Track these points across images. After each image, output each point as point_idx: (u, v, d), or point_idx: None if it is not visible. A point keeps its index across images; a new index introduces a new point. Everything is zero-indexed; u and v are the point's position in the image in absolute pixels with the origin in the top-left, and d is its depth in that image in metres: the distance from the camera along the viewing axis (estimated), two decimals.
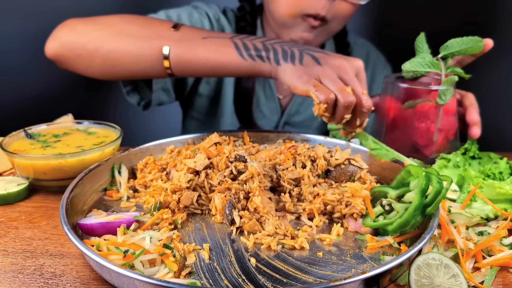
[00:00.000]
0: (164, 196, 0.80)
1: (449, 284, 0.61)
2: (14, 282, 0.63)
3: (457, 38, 0.94)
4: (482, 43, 0.93)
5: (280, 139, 1.02)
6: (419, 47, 0.96)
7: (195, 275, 0.64)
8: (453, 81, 0.92)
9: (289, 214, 0.80)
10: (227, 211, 0.76)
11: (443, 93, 0.93)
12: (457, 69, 0.94)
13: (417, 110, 0.96)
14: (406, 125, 0.98)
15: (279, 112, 1.39)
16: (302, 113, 1.40)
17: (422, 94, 0.96)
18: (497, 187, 0.81)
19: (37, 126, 1.01)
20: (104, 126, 1.03)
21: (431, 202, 0.71)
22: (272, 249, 0.71)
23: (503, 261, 0.67)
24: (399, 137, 0.99)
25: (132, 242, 0.67)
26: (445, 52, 0.94)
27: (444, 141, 0.98)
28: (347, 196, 0.79)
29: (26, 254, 0.70)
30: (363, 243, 0.73)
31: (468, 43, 0.93)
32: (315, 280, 0.63)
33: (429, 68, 0.93)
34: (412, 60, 0.93)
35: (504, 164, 0.92)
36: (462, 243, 0.70)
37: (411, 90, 0.96)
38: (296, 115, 1.40)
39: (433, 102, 0.94)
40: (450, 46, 0.93)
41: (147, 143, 0.97)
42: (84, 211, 0.81)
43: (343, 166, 0.85)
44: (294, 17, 1.16)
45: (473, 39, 0.93)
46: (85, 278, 0.65)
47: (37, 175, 0.88)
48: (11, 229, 0.78)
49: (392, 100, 0.99)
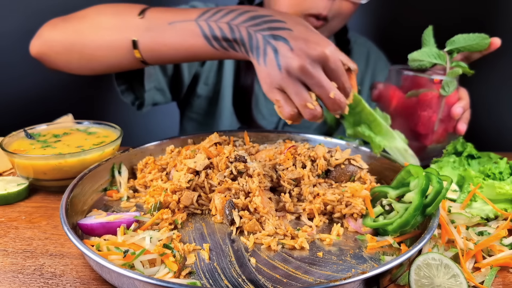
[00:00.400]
0: (164, 196, 0.80)
1: (449, 284, 0.61)
2: (14, 282, 0.63)
3: (463, 34, 0.95)
4: (488, 40, 0.94)
5: (280, 139, 1.02)
6: (426, 39, 0.97)
7: (195, 275, 0.64)
8: (457, 74, 0.94)
9: (289, 214, 0.80)
10: (227, 211, 0.76)
11: (447, 85, 0.94)
12: (461, 63, 0.95)
13: (420, 98, 0.97)
14: (408, 113, 0.99)
15: None
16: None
17: (426, 84, 0.97)
18: (497, 187, 0.81)
19: (37, 126, 1.01)
20: (104, 126, 1.03)
21: (431, 202, 0.71)
22: (272, 249, 0.71)
23: (503, 261, 0.67)
24: (401, 124, 0.99)
25: (132, 242, 0.67)
26: (451, 46, 0.95)
27: (444, 133, 0.99)
28: (347, 196, 0.79)
29: (26, 254, 0.70)
30: (363, 243, 0.73)
31: (474, 39, 0.94)
32: (315, 280, 0.63)
33: (435, 59, 0.94)
34: (419, 50, 0.95)
35: (504, 164, 0.92)
36: (462, 243, 0.70)
37: (415, 80, 0.97)
38: None
39: (436, 92, 0.95)
40: (456, 41, 0.94)
41: (147, 143, 0.98)
42: (84, 211, 0.81)
43: (343, 166, 0.85)
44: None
45: (479, 35, 0.94)
46: (85, 278, 0.65)
47: (37, 175, 0.88)
48: (11, 229, 0.78)
49: (395, 89, 1.00)
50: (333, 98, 0.81)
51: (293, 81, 0.80)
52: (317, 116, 0.82)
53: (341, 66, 0.82)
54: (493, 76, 1.60)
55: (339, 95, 0.82)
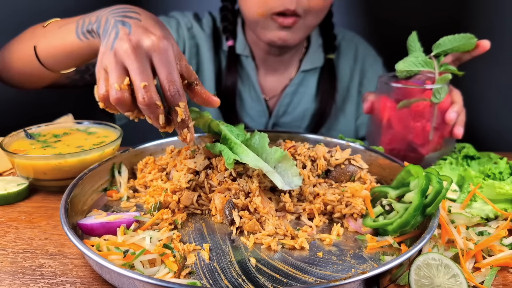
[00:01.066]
0: (164, 196, 0.80)
1: (449, 284, 0.61)
2: (14, 282, 0.63)
3: (449, 36, 0.94)
4: (474, 40, 0.93)
5: (280, 139, 1.02)
6: (411, 46, 0.96)
7: (195, 275, 0.64)
8: (447, 79, 0.93)
9: (289, 214, 0.80)
10: (227, 212, 0.76)
11: (438, 92, 0.93)
12: (450, 67, 0.94)
13: (412, 109, 0.96)
14: (401, 125, 0.98)
15: (267, 114, 1.37)
16: (290, 113, 1.38)
17: (417, 93, 0.96)
18: (497, 187, 0.81)
19: (37, 126, 1.01)
20: (104, 126, 1.03)
21: (431, 202, 0.71)
22: (272, 249, 0.71)
23: (503, 261, 0.67)
24: (395, 137, 0.99)
25: (132, 242, 0.67)
26: (438, 50, 0.94)
27: (440, 140, 0.98)
28: (347, 196, 0.79)
29: (26, 254, 0.70)
30: (363, 243, 0.73)
31: (460, 40, 0.93)
32: (315, 280, 0.63)
33: (422, 67, 0.93)
34: (405, 59, 0.94)
35: (504, 164, 0.92)
36: (462, 243, 0.70)
37: (406, 90, 0.96)
38: (284, 116, 1.38)
39: (428, 101, 0.94)
40: (443, 44, 0.94)
41: (147, 143, 0.98)
42: (84, 211, 0.81)
43: (343, 166, 0.85)
44: (264, 16, 1.15)
45: (465, 36, 0.93)
46: (85, 278, 0.65)
47: (37, 175, 0.88)
48: (11, 229, 0.78)
49: (387, 100, 0.99)
50: (143, 89, 0.71)
51: (115, 62, 0.74)
52: (117, 100, 0.73)
53: (170, 64, 0.74)
54: (492, 76, 1.60)
55: (150, 89, 0.72)
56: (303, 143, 0.91)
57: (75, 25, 0.90)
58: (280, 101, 1.37)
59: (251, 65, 1.34)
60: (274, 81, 1.38)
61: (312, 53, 1.36)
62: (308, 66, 1.36)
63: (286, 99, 1.37)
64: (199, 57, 1.35)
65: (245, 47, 1.33)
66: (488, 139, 1.58)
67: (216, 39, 1.36)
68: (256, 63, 1.36)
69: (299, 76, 1.36)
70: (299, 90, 1.38)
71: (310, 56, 1.36)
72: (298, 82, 1.37)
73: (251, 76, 1.35)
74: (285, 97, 1.36)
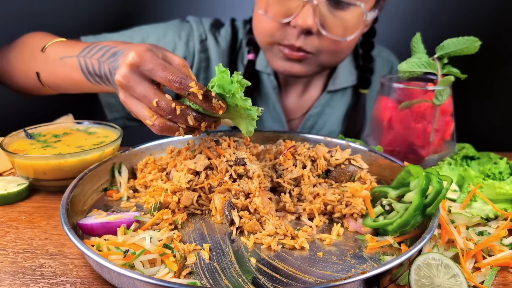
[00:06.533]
0: (164, 197, 0.80)
1: (449, 284, 0.61)
2: (14, 282, 0.63)
3: (453, 38, 0.93)
4: (478, 43, 0.93)
5: (280, 139, 1.02)
6: (415, 47, 0.96)
7: (195, 275, 0.64)
8: (449, 81, 0.92)
9: (289, 214, 0.80)
10: (227, 212, 0.76)
11: (440, 94, 0.93)
12: (453, 69, 0.94)
13: (414, 110, 0.96)
14: (402, 126, 0.97)
15: None
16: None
17: (419, 94, 0.96)
18: (497, 187, 0.82)
19: (37, 126, 1.01)
20: (104, 126, 1.03)
21: (431, 202, 0.71)
22: (272, 249, 0.71)
23: (503, 261, 0.67)
24: (396, 138, 0.99)
25: (132, 242, 0.67)
26: (441, 52, 0.93)
27: (441, 142, 0.98)
28: (347, 196, 0.79)
29: (26, 254, 0.70)
30: (363, 243, 0.73)
31: (464, 43, 0.93)
32: (315, 280, 0.63)
33: (425, 68, 0.93)
34: (408, 60, 0.93)
35: (504, 164, 0.93)
36: (462, 243, 0.70)
37: (408, 91, 0.96)
38: None
39: (430, 103, 0.94)
40: (446, 46, 0.93)
41: (147, 143, 0.98)
42: (84, 211, 0.81)
43: (343, 166, 0.85)
44: (270, 45, 1.14)
45: (469, 39, 0.93)
46: (85, 278, 0.65)
47: (37, 175, 0.88)
48: (11, 229, 0.78)
49: (388, 101, 0.99)
50: (157, 106, 0.75)
51: (131, 105, 0.79)
52: (165, 129, 0.77)
53: (159, 64, 0.75)
54: (493, 77, 1.60)
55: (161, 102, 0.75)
56: (303, 143, 0.91)
57: (77, 62, 0.94)
58: (303, 123, 1.32)
59: (273, 84, 1.28)
60: (297, 101, 1.32)
61: (341, 72, 1.29)
62: (335, 87, 1.30)
63: (310, 121, 1.32)
64: (208, 73, 1.30)
65: (267, 65, 1.27)
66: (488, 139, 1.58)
67: (233, 52, 1.31)
68: (279, 82, 1.30)
69: (324, 97, 1.30)
70: (325, 112, 1.32)
71: (339, 75, 1.29)
72: (324, 103, 1.31)
73: (272, 96, 1.29)
74: (309, 118, 1.31)
